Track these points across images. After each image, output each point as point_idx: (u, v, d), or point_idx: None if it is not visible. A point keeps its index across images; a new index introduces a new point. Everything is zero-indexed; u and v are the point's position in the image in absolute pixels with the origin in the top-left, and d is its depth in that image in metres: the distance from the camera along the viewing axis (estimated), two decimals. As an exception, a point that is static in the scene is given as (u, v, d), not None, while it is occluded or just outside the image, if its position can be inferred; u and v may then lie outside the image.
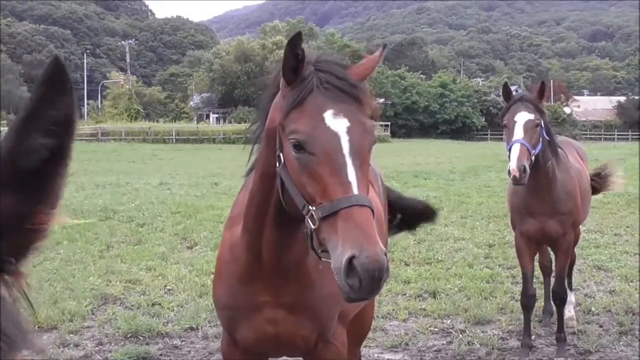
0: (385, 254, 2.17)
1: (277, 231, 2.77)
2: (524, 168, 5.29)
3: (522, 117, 5.53)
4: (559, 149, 6.12)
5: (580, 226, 11.41)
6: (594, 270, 9.27)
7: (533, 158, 5.46)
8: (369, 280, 2.10)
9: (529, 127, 5.48)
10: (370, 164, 3.35)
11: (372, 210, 2.28)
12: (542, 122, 5.61)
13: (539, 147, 5.55)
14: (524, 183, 5.41)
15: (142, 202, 15.67)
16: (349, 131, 2.35)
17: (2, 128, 51.91)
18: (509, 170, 5.33)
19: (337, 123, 2.35)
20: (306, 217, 2.33)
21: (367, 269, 2.09)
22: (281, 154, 2.46)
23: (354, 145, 2.34)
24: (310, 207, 2.31)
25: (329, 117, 2.36)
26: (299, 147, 2.34)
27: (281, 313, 2.95)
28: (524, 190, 5.93)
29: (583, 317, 7.22)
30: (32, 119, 0.80)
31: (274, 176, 2.62)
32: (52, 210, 0.82)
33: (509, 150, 5.44)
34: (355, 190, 2.26)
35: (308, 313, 2.96)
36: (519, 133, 5.46)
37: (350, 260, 2.11)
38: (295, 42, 2.41)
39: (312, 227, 2.30)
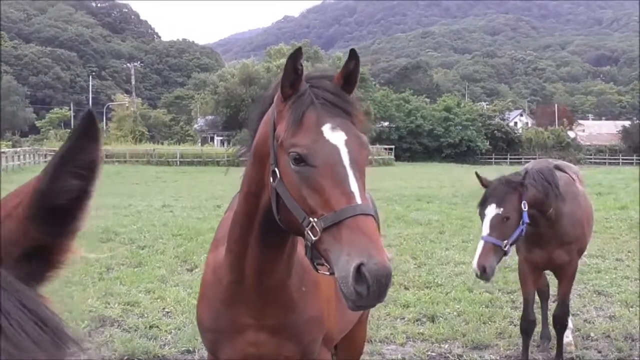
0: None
1: (261, 252, 2.79)
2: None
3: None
4: (565, 174, 6.14)
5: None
6: (594, 295, 9.22)
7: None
8: (377, 286, 2.13)
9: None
10: None
11: (375, 219, 2.33)
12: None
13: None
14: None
15: (144, 224, 15.69)
16: (347, 144, 2.41)
17: (5, 149, 52.28)
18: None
19: (335, 136, 2.41)
20: (306, 229, 2.34)
21: (376, 275, 2.12)
22: (277, 169, 2.48)
23: (353, 157, 2.39)
24: (311, 218, 2.33)
25: (327, 130, 2.42)
26: (299, 160, 2.38)
27: (264, 335, 2.97)
28: (529, 227, 5.74)
29: (582, 342, 7.17)
30: (65, 162, 0.91)
31: (260, 194, 2.66)
32: (72, 243, 0.93)
33: None
34: (358, 200, 2.30)
35: (290, 335, 2.98)
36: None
37: (359, 268, 2.14)
38: (296, 57, 2.47)
39: (313, 238, 2.32)
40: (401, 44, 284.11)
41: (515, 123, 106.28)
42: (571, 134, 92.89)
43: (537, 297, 7.55)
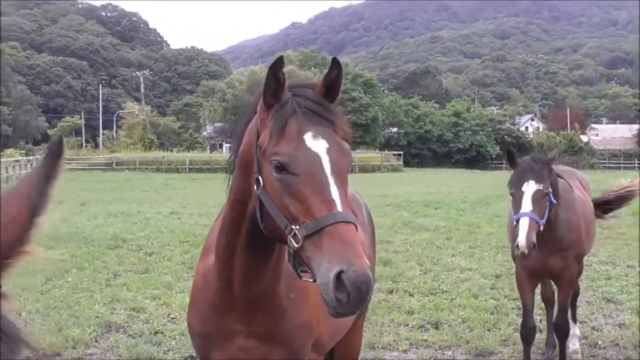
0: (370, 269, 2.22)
1: (248, 259, 2.80)
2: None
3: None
4: (562, 180, 6.11)
5: (592, 257, 11.24)
6: (604, 302, 9.11)
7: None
8: (356, 293, 2.15)
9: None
10: (353, 192, 3.38)
11: (356, 227, 2.33)
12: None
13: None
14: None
15: (151, 231, 15.76)
16: (329, 152, 2.43)
17: (19, 157, 52.66)
18: None
19: (317, 144, 2.43)
20: (289, 236, 2.36)
21: (356, 282, 2.14)
22: (260, 177, 2.50)
23: (334, 165, 2.41)
24: (293, 226, 2.35)
25: (309, 139, 2.44)
26: (280, 168, 2.40)
27: (253, 341, 2.99)
28: None
29: (589, 350, 7.09)
30: (48, 179, 1.07)
31: (246, 202, 2.68)
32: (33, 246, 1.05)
33: None
34: (339, 208, 2.32)
35: (280, 341, 2.99)
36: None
37: (339, 275, 2.15)
38: (277, 66, 2.50)
39: (296, 246, 2.33)
40: (410, 49, 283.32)
41: (527, 128, 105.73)
42: (584, 138, 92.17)
43: (542, 304, 7.52)
